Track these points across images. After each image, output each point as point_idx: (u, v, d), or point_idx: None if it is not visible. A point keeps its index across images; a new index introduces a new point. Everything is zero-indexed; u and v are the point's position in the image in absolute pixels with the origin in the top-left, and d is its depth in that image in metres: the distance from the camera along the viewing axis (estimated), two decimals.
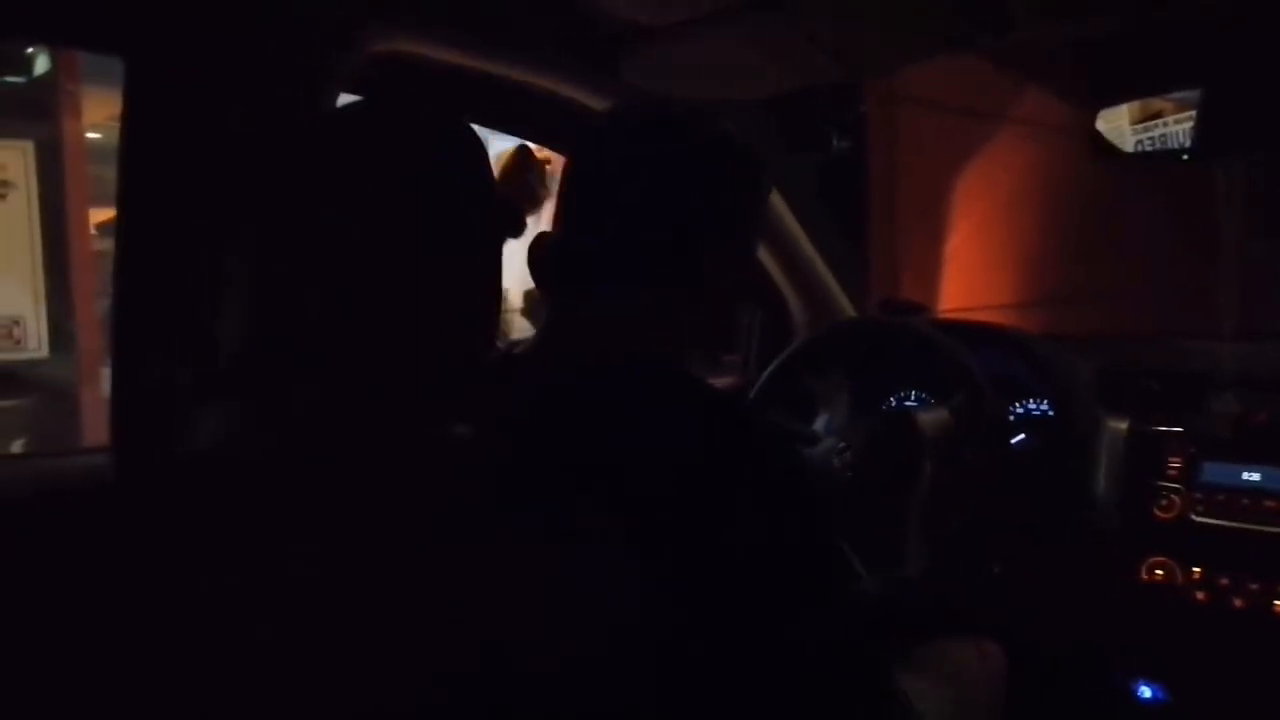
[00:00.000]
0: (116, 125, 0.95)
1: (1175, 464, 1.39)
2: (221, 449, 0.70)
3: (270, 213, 0.73)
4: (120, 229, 0.95)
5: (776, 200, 1.69)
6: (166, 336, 0.94)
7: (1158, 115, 1.35)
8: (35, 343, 3.91)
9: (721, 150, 0.85)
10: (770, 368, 1.48)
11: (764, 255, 1.74)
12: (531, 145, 2.22)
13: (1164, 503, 1.38)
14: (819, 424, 1.61)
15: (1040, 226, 3.03)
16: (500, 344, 0.84)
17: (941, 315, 2.44)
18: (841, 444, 1.40)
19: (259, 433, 0.69)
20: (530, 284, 0.85)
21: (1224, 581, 1.21)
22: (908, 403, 1.60)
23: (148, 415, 0.94)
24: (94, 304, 3.90)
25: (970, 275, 3.13)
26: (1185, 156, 1.28)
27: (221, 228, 0.88)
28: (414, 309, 0.70)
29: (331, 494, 0.64)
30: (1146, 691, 1.16)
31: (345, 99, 1.02)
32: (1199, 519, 1.35)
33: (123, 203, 0.95)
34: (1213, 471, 1.36)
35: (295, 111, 0.98)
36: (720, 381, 1.86)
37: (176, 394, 0.90)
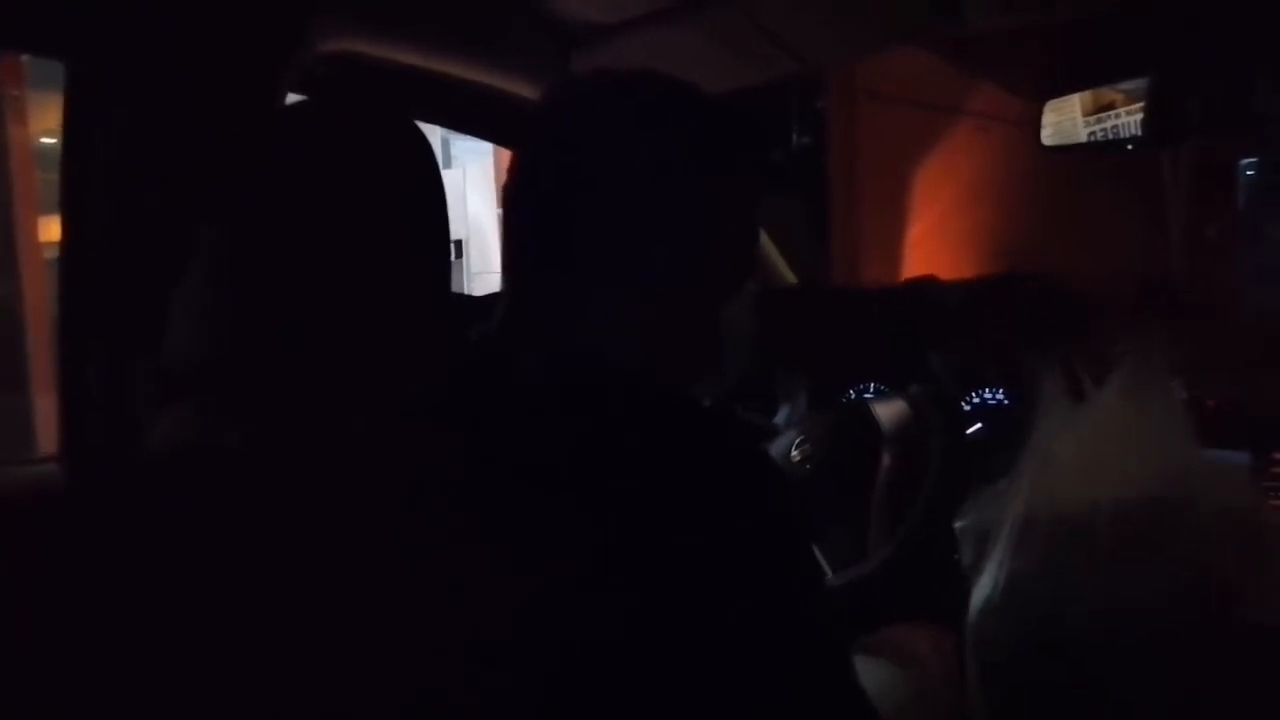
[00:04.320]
0: None
1: None
2: (180, 450, 0.70)
3: (220, 212, 0.72)
4: (65, 233, 0.93)
5: None
6: (114, 341, 0.92)
7: (1110, 107, 1.36)
8: None
9: (688, 117, 0.76)
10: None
11: None
12: None
13: None
14: (779, 417, 1.63)
15: (1000, 217, 3.07)
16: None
17: None
18: (801, 437, 1.41)
19: (219, 433, 0.68)
20: None
21: None
22: (866, 395, 1.61)
23: (99, 421, 0.93)
24: (46, 310, 3.84)
25: (931, 267, 3.15)
26: (1130, 146, 1.30)
27: (168, 229, 0.87)
28: (366, 305, 0.70)
29: (296, 492, 0.64)
30: None
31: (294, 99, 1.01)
32: None
33: (67, 206, 0.93)
34: None
35: (243, 111, 0.97)
36: None
37: (127, 398, 0.89)
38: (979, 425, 1.52)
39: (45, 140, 4.03)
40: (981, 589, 0.94)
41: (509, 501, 0.65)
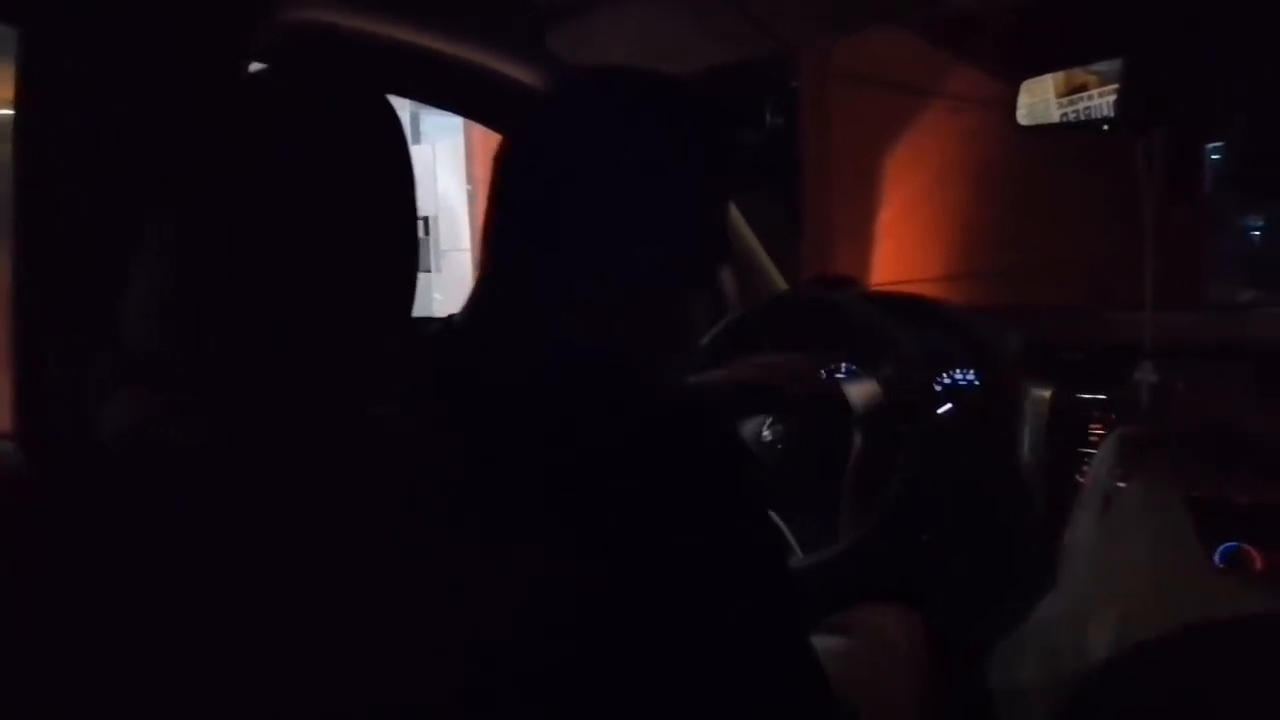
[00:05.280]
0: None
1: (1098, 432, 1.42)
2: (141, 437, 0.68)
3: (178, 191, 0.70)
4: (18, 209, 0.90)
5: None
6: (70, 322, 0.90)
7: (1082, 88, 1.37)
8: None
9: (689, 117, 0.79)
10: (703, 343, 1.48)
11: None
12: None
13: (1087, 469, 1.41)
14: None
15: (972, 200, 3.08)
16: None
17: (874, 289, 2.46)
18: (773, 418, 1.41)
19: (180, 420, 0.67)
20: None
21: None
22: (838, 376, 1.62)
23: (54, 403, 0.91)
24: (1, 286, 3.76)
25: (904, 248, 3.17)
26: (1106, 127, 1.31)
27: (126, 207, 0.85)
28: (328, 290, 0.68)
29: (263, 481, 0.63)
30: None
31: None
32: None
33: (19, 182, 0.90)
34: None
35: (203, 86, 0.94)
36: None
37: (85, 379, 0.87)
38: (950, 406, 1.53)
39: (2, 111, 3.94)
40: None
41: (497, 490, 0.65)
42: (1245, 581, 0.96)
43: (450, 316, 0.80)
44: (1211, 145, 2.66)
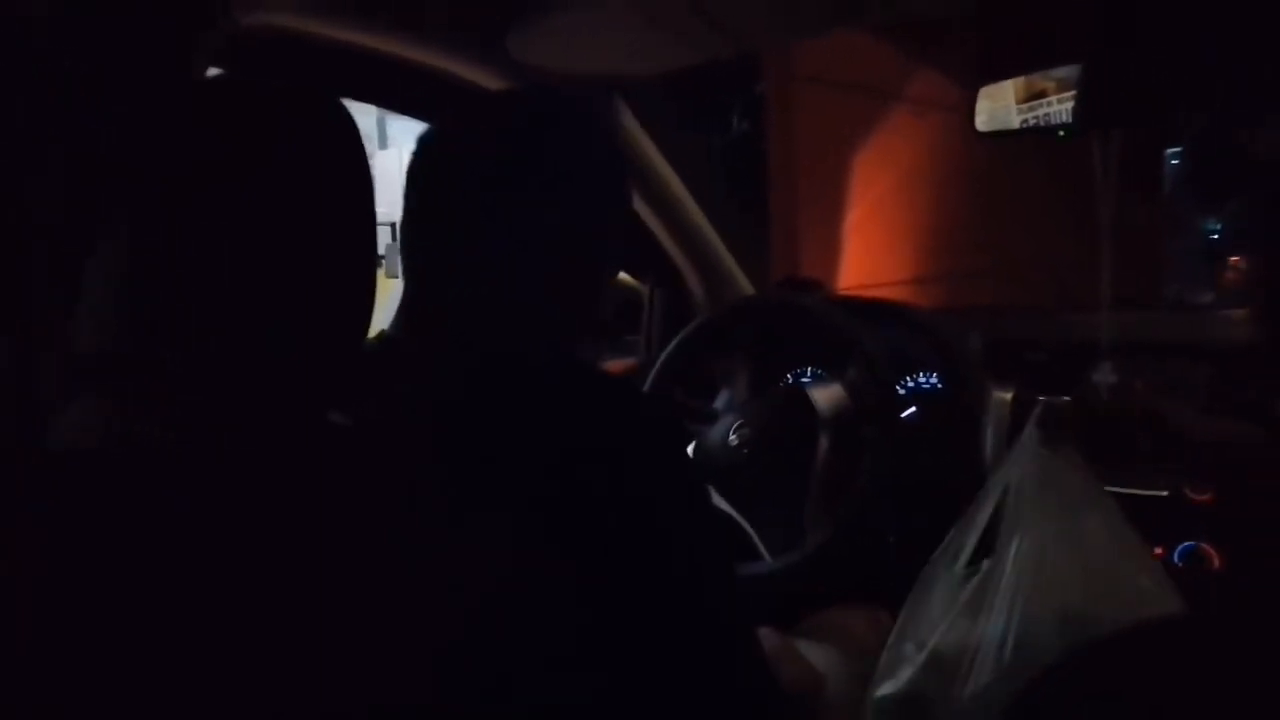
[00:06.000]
0: None
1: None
2: (90, 443, 0.67)
3: (127, 196, 0.69)
4: None
5: (674, 180, 1.69)
6: (19, 325, 0.88)
7: (1041, 95, 1.38)
8: None
9: (586, 132, 0.85)
10: (670, 346, 1.49)
11: (663, 235, 1.74)
12: None
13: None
14: (719, 401, 1.63)
15: (937, 203, 3.10)
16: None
17: (840, 292, 2.48)
18: (739, 421, 1.41)
19: (137, 424, 0.66)
20: None
21: None
22: (804, 379, 1.62)
23: (7, 406, 0.89)
24: None
25: (870, 252, 3.18)
26: (1062, 133, 1.32)
27: (76, 211, 0.84)
28: (285, 295, 0.68)
29: (217, 487, 0.62)
30: None
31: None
32: None
33: None
34: None
35: (157, 89, 0.93)
36: (620, 362, 1.85)
37: (32, 385, 0.85)
38: (914, 408, 1.54)
39: None
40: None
41: (440, 493, 0.66)
42: (1169, 579, 0.96)
43: (383, 331, 0.83)
44: (1171, 150, 2.70)
